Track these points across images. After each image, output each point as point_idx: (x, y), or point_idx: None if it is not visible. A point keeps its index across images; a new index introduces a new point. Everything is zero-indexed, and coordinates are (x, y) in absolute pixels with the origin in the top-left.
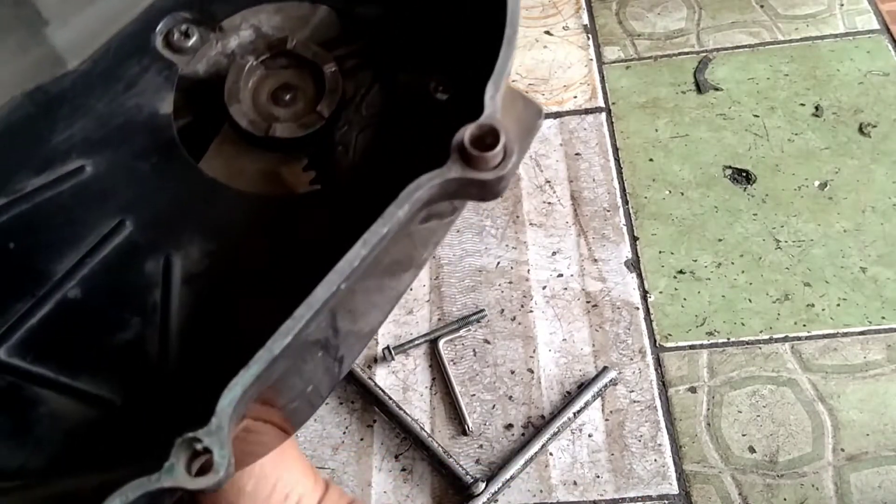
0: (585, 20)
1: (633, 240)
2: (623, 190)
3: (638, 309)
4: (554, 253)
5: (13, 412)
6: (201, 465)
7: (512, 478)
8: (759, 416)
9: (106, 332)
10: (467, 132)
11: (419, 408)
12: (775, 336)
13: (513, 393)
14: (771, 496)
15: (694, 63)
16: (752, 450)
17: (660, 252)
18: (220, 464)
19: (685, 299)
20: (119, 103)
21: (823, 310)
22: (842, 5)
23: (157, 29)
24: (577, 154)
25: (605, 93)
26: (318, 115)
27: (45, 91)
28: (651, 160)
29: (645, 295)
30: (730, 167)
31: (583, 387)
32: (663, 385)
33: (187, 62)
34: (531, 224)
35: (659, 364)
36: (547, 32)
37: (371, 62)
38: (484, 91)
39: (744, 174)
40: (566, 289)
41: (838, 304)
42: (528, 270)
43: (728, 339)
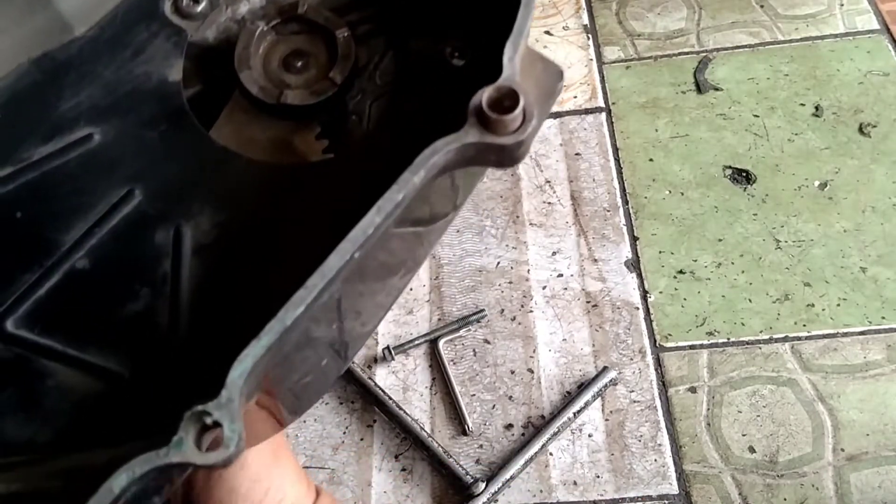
0: (585, 20)
1: (633, 240)
2: (623, 190)
3: (638, 309)
4: (554, 253)
5: (21, 385)
6: (212, 439)
7: (512, 478)
8: (759, 416)
9: (115, 304)
10: (485, 95)
11: (419, 408)
12: (775, 336)
13: (513, 393)
14: (771, 496)
15: (694, 63)
16: (752, 450)
17: (660, 252)
18: (230, 438)
19: (685, 299)
20: (127, 70)
21: (823, 310)
22: (842, 5)
23: None
24: (577, 154)
25: (605, 93)
26: (330, 81)
27: (52, 58)
28: (651, 160)
29: (645, 295)
30: (730, 167)
31: (583, 387)
32: (663, 385)
33: (196, 28)
34: (531, 224)
35: (659, 364)
36: (547, 32)
37: (384, 28)
38: (502, 54)
39: (744, 174)
40: (566, 289)
41: (838, 304)
42: (528, 270)
43: (728, 339)
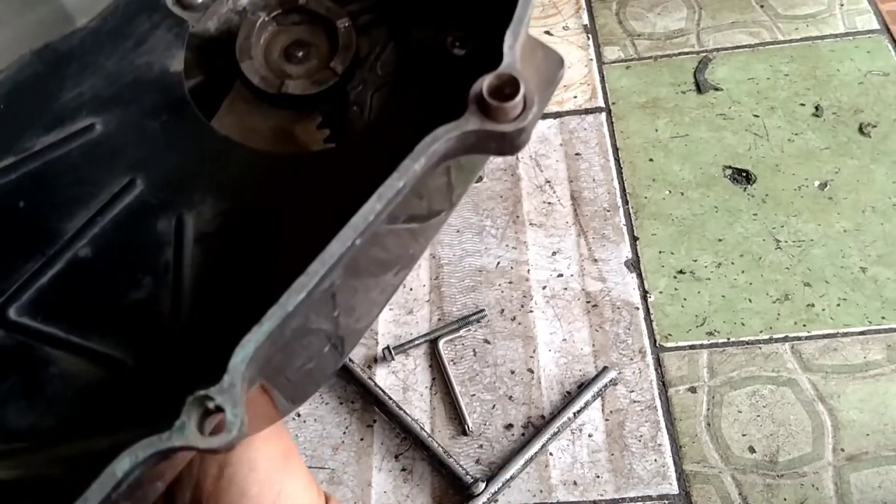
0: (585, 20)
1: (633, 240)
2: (623, 190)
3: (638, 309)
4: (554, 253)
5: (24, 372)
6: (214, 424)
7: (512, 478)
8: (759, 416)
9: (117, 292)
10: (485, 82)
11: (419, 408)
12: (775, 336)
13: (513, 393)
14: (771, 496)
15: (694, 63)
16: (752, 450)
17: (660, 252)
18: (232, 423)
19: (685, 299)
20: (129, 61)
21: (823, 310)
22: (842, 5)
23: None
24: (577, 154)
25: (605, 93)
26: (331, 71)
27: (54, 49)
28: (651, 160)
29: (645, 295)
30: (730, 167)
31: (583, 387)
32: (663, 385)
33: (198, 19)
34: (531, 224)
35: (659, 364)
36: (547, 32)
37: (385, 18)
38: (502, 43)
39: (744, 174)
40: (566, 289)
41: (838, 304)
42: (528, 270)
43: (728, 339)
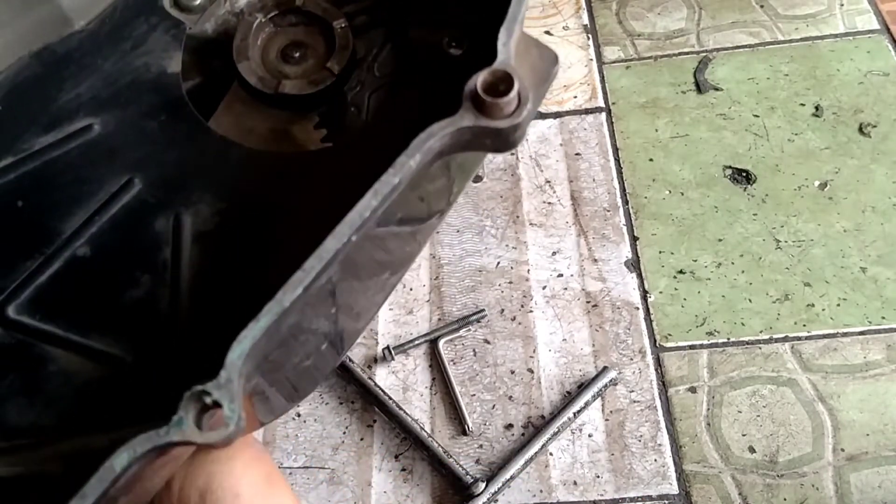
0: (585, 20)
1: (633, 240)
2: (623, 190)
3: (638, 309)
4: (554, 253)
5: (23, 370)
6: (212, 419)
7: (512, 478)
8: (759, 416)
9: (116, 290)
10: (480, 78)
11: (419, 408)
12: (775, 336)
13: (513, 393)
14: (771, 496)
15: (694, 63)
16: (752, 450)
17: (660, 252)
18: (230, 417)
19: (685, 299)
20: (127, 62)
21: (823, 310)
22: (842, 5)
23: None
24: (577, 154)
25: (605, 93)
26: (328, 71)
27: (53, 51)
28: (651, 160)
29: (645, 295)
30: (730, 167)
31: (583, 387)
32: (663, 385)
33: (195, 21)
34: (531, 224)
35: (659, 364)
36: (547, 32)
37: (381, 19)
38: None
39: (744, 174)
40: (566, 289)
41: (838, 304)
42: (528, 270)
43: (728, 339)
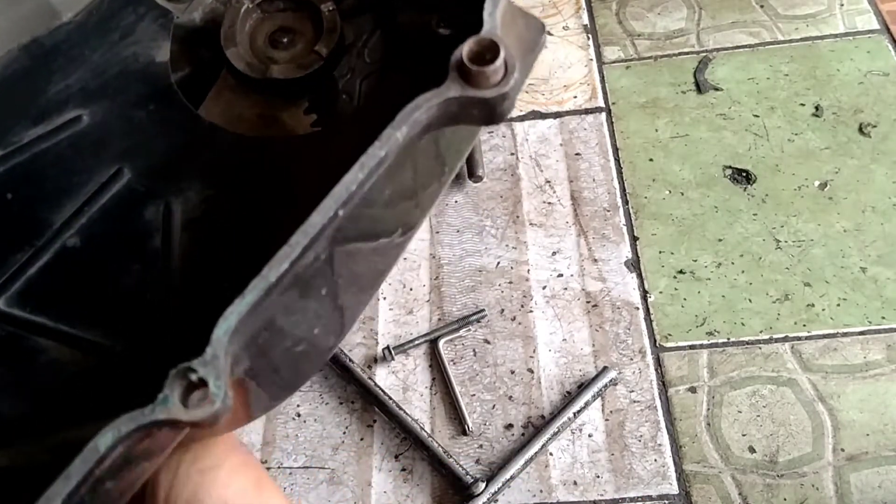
0: (585, 20)
1: (633, 240)
2: (623, 190)
3: (638, 309)
4: (554, 253)
5: (13, 362)
6: (198, 398)
7: (512, 478)
8: (759, 416)
9: (106, 280)
10: (465, 48)
11: (419, 408)
12: (775, 336)
13: (513, 393)
14: (771, 496)
15: (694, 63)
16: (752, 450)
17: (660, 252)
18: (216, 395)
19: (685, 299)
20: (115, 53)
21: (823, 310)
22: (842, 5)
23: None
24: (577, 154)
25: (605, 93)
26: (316, 54)
27: (41, 43)
28: (651, 160)
29: (645, 295)
30: (730, 167)
31: (583, 387)
32: (663, 385)
33: (183, 10)
34: (531, 224)
35: (659, 364)
36: (547, 32)
37: (370, 4)
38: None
39: (744, 174)
40: (566, 289)
41: (838, 304)
42: (528, 270)
43: (728, 339)
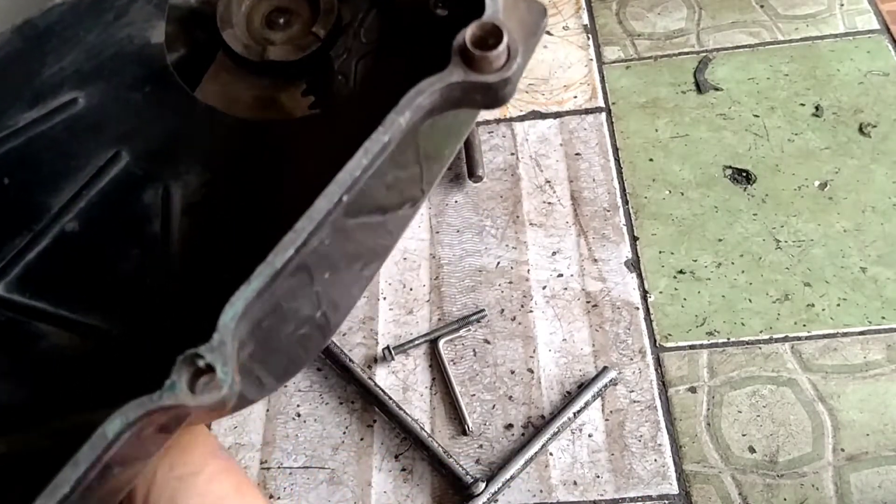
0: (585, 20)
1: (633, 240)
2: (623, 190)
3: (638, 309)
4: (554, 253)
5: (12, 348)
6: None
7: (512, 478)
8: (759, 416)
9: (106, 265)
10: (468, 32)
11: (419, 408)
12: (775, 336)
13: (513, 393)
14: (771, 496)
15: (694, 63)
16: (752, 450)
17: (660, 252)
18: (223, 380)
19: (685, 299)
20: (109, 34)
21: (823, 310)
22: (842, 5)
23: None
24: (577, 154)
25: (605, 93)
26: (314, 36)
27: (34, 25)
28: (651, 160)
29: (645, 295)
30: (730, 167)
31: (583, 387)
32: (663, 385)
33: None
34: (531, 224)
35: (659, 364)
36: (547, 32)
37: None
38: None
39: (744, 174)
40: (566, 289)
41: (838, 304)
42: (528, 270)
43: (728, 339)
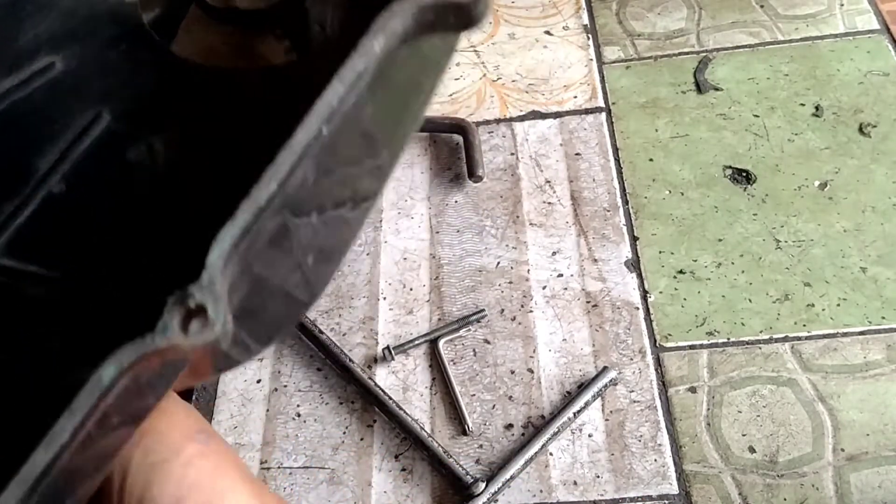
0: (585, 20)
1: (633, 240)
2: (623, 190)
3: (638, 309)
4: (554, 253)
5: (5, 313)
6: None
7: (512, 478)
8: (759, 416)
9: (95, 225)
10: None
11: (419, 408)
12: (775, 336)
13: (513, 393)
14: (771, 496)
15: (694, 63)
16: (752, 450)
17: (660, 252)
18: (216, 318)
19: (685, 299)
20: None
21: (823, 310)
22: (842, 5)
23: None
24: (577, 154)
25: (605, 93)
26: None
27: None
28: (651, 160)
29: (645, 295)
30: (730, 167)
31: (583, 387)
32: (663, 385)
33: None
34: (531, 224)
35: (659, 364)
36: (547, 32)
37: None
38: None
39: (744, 174)
40: (566, 289)
41: (838, 304)
42: (528, 270)
43: (728, 339)
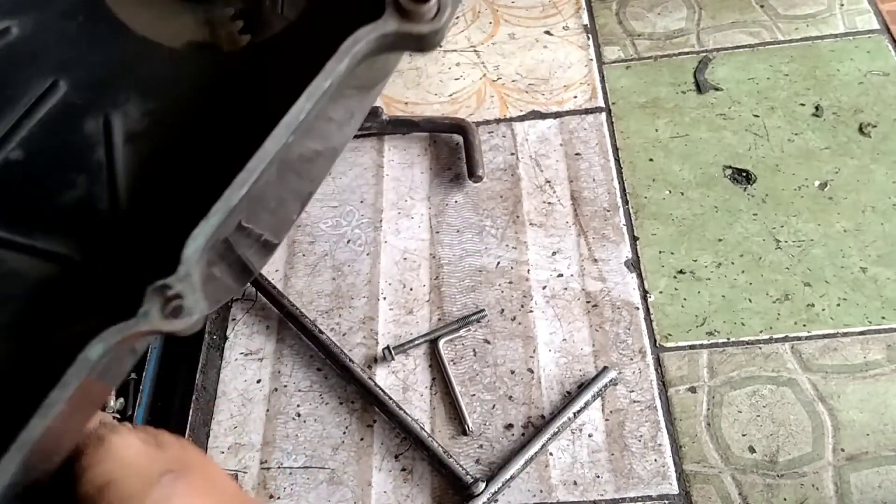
0: (585, 20)
1: (633, 240)
2: (623, 190)
3: (638, 309)
4: (554, 253)
5: None
6: (173, 310)
7: (512, 478)
8: (759, 416)
9: (54, 191)
10: None
11: (419, 408)
12: (775, 336)
13: (513, 393)
14: (771, 496)
15: (694, 63)
16: (752, 450)
17: (660, 252)
18: (192, 307)
19: (685, 299)
20: None
21: (823, 310)
22: (842, 5)
23: None
24: (577, 154)
25: (605, 93)
26: None
27: None
28: (651, 160)
29: (645, 295)
30: (730, 167)
31: (583, 387)
32: (663, 385)
33: None
34: (531, 224)
35: (659, 364)
36: (547, 32)
37: None
38: None
39: (744, 174)
40: (566, 289)
41: (838, 304)
42: (528, 270)
43: (728, 339)
